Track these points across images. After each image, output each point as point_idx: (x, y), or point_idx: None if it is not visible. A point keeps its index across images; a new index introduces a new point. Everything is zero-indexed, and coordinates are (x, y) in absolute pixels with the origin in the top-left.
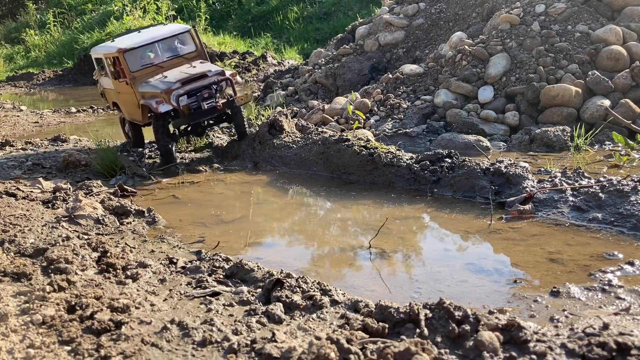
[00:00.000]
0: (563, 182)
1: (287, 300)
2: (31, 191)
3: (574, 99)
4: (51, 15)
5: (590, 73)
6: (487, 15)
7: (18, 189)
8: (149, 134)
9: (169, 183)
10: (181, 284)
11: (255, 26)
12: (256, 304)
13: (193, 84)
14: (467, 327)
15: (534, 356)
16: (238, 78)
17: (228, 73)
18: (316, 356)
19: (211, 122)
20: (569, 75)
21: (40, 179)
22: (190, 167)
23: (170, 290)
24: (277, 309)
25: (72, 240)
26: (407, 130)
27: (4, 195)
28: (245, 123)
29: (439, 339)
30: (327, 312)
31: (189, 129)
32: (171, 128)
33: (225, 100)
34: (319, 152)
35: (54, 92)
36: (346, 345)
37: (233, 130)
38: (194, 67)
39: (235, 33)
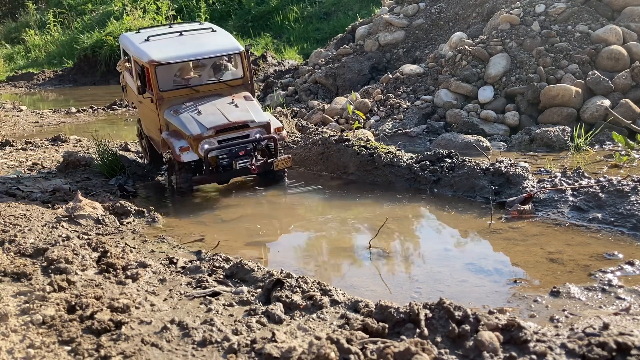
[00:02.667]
0: (563, 182)
1: (287, 300)
2: (31, 191)
3: (574, 99)
4: (51, 15)
5: (590, 73)
6: (487, 15)
7: (18, 189)
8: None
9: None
10: (181, 284)
11: (255, 26)
12: (256, 304)
13: (229, 134)
14: (467, 327)
15: (534, 356)
16: (284, 133)
17: (274, 125)
18: (316, 356)
19: None
20: (569, 75)
21: (40, 179)
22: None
23: (170, 290)
24: (277, 309)
25: (72, 240)
26: (407, 130)
27: (4, 195)
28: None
29: (439, 339)
30: (327, 312)
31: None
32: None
33: (262, 161)
34: (319, 152)
35: (54, 92)
36: (346, 345)
37: None
38: (236, 105)
39: (235, 33)
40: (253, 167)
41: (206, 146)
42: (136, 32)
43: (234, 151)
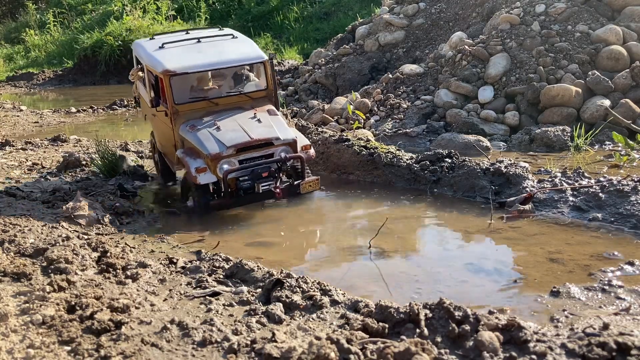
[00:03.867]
0: (563, 182)
1: (287, 300)
2: (31, 191)
3: (574, 99)
4: (51, 15)
5: (590, 73)
6: (487, 15)
7: (18, 189)
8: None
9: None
10: (181, 284)
11: (255, 26)
12: (256, 304)
13: (251, 153)
14: (467, 327)
15: (534, 356)
16: (312, 151)
17: (300, 142)
18: (316, 356)
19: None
20: (569, 75)
21: (40, 179)
22: None
23: (170, 290)
24: (277, 309)
25: (72, 240)
26: (407, 130)
27: (4, 195)
28: None
29: (439, 339)
30: (327, 312)
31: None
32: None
33: (287, 184)
34: (319, 152)
35: (54, 92)
36: (346, 345)
37: None
38: (259, 120)
39: None
40: (278, 190)
41: (225, 167)
42: (150, 39)
43: (257, 172)
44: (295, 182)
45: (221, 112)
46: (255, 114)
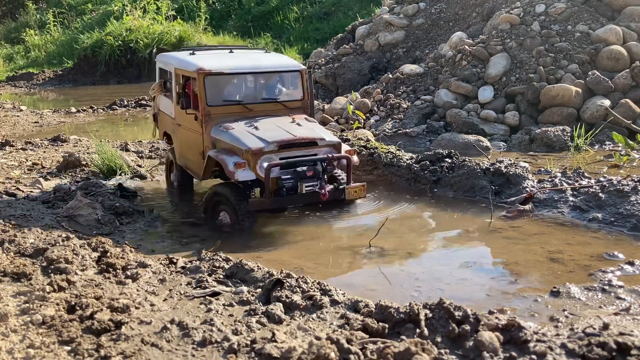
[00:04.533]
0: (563, 182)
1: (287, 300)
2: (31, 191)
3: (574, 99)
4: (51, 15)
5: (590, 73)
6: (487, 15)
7: (18, 189)
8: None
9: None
10: (181, 284)
11: (255, 26)
12: (256, 304)
13: (294, 152)
14: (467, 327)
15: (534, 356)
16: (355, 158)
17: (345, 147)
18: (316, 356)
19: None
20: (569, 75)
21: (41, 179)
22: None
23: (170, 290)
24: (277, 309)
25: (72, 240)
26: (407, 130)
27: (4, 195)
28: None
29: (439, 339)
30: (327, 312)
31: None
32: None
33: (332, 187)
34: None
35: (54, 92)
36: (346, 345)
37: None
38: (299, 124)
39: (235, 33)
40: (323, 191)
41: (265, 164)
42: (178, 51)
43: (300, 170)
44: (341, 187)
45: (256, 117)
46: (293, 119)
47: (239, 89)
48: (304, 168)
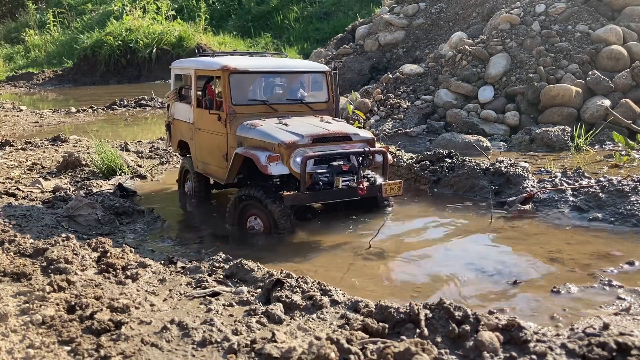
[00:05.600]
0: (563, 182)
1: (287, 300)
2: (31, 191)
3: (574, 99)
4: (51, 15)
5: (590, 73)
6: (487, 15)
7: (18, 189)
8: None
9: (169, 183)
10: (181, 284)
11: (255, 26)
12: (256, 304)
13: (328, 146)
14: (467, 327)
15: (534, 356)
16: (389, 156)
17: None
18: (316, 356)
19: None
20: (569, 75)
21: (41, 179)
22: None
23: (170, 290)
24: (277, 309)
25: (72, 240)
26: (407, 130)
27: (4, 195)
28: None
29: (439, 339)
30: (327, 312)
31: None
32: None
33: (368, 183)
34: None
35: (54, 92)
36: (346, 345)
37: None
38: (328, 122)
39: (235, 33)
40: (361, 186)
41: (299, 159)
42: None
43: (335, 164)
44: (377, 183)
45: (280, 115)
46: (322, 118)
47: (264, 89)
48: (340, 162)
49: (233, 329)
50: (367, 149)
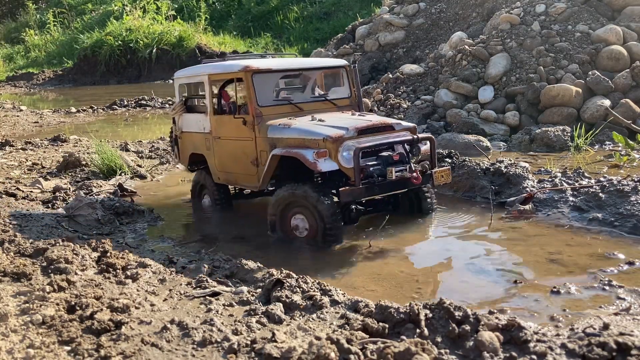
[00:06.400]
0: (563, 182)
1: (287, 300)
2: (31, 191)
3: (574, 99)
4: (51, 15)
5: (590, 73)
6: (487, 15)
7: (18, 189)
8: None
9: (169, 183)
10: (181, 284)
11: (255, 26)
12: (256, 304)
13: (373, 137)
14: (467, 327)
15: (534, 356)
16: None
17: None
18: (316, 356)
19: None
20: (569, 75)
21: (41, 179)
22: None
23: (170, 290)
24: (277, 309)
25: (72, 240)
26: None
27: (4, 195)
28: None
29: (439, 339)
30: (327, 312)
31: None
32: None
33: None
34: None
35: (54, 92)
36: (346, 345)
37: None
38: (362, 115)
39: (235, 33)
40: (415, 174)
41: (345, 154)
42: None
43: (386, 155)
44: (427, 171)
45: (308, 114)
46: (353, 112)
47: (288, 87)
48: (390, 152)
49: (233, 329)
50: (415, 137)
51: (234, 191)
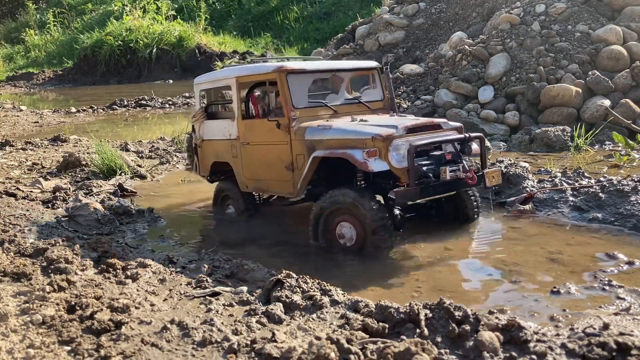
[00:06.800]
0: (563, 182)
1: (287, 300)
2: (31, 191)
3: (574, 99)
4: (51, 15)
5: (590, 73)
6: (487, 15)
7: (18, 189)
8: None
9: (169, 183)
10: (181, 284)
11: (255, 26)
12: (256, 304)
13: (426, 136)
14: (467, 327)
15: (534, 356)
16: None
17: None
18: (316, 356)
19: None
20: (569, 75)
21: (41, 179)
22: None
23: (170, 290)
24: (277, 309)
25: (72, 240)
26: None
27: (4, 195)
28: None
29: (439, 339)
30: (327, 312)
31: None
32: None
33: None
34: None
35: (54, 92)
36: (346, 345)
37: None
38: (402, 116)
39: (235, 33)
40: (471, 174)
41: (401, 144)
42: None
43: (438, 154)
44: (479, 172)
45: (343, 117)
46: (390, 114)
47: (320, 90)
48: (442, 151)
49: (233, 329)
50: (467, 135)
51: (259, 200)
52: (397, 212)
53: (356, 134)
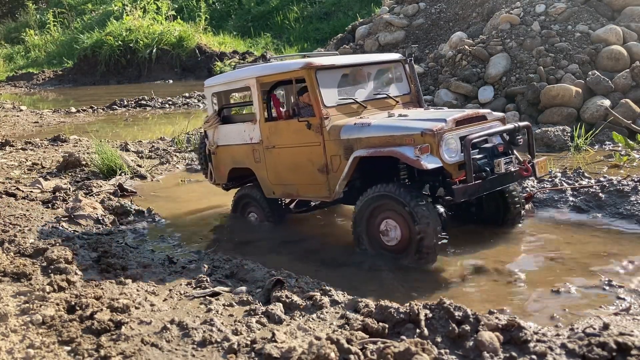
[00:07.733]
0: (563, 182)
1: (287, 300)
2: (31, 191)
3: (574, 99)
4: (51, 15)
5: (590, 73)
6: (487, 15)
7: (18, 189)
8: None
9: (169, 183)
10: (181, 284)
11: (255, 26)
12: (256, 304)
13: (475, 129)
14: (467, 327)
15: (534, 356)
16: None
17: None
18: (316, 356)
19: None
20: (569, 75)
21: (41, 179)
22: None
23: (170, 290)
24: (277, 309)
25: (72, 240)
26: None
27: (4, 195)
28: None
29: (439, 339)
30: (327, 312)
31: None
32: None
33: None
34: None
35: (54, 92)
36: (346, 345)
37: None
38: (438, 110)
39: (235, 33)
40: (525, 166)
41: (452, 137)
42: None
43: (490, 147)
44: (530, 163)
45: (371, 113)
46: (424, 108)
47: (348, 86)
48: (494, 143)
49: (233, 329)
50: (517, 125)
51: (282, 205)
52: (441, 210)
53: (402, 130)
